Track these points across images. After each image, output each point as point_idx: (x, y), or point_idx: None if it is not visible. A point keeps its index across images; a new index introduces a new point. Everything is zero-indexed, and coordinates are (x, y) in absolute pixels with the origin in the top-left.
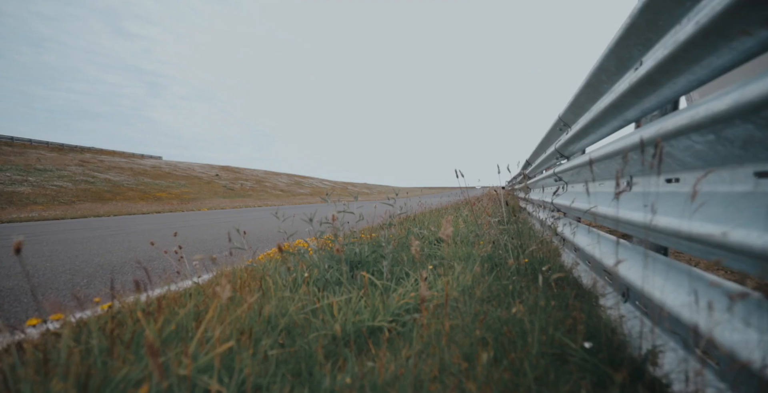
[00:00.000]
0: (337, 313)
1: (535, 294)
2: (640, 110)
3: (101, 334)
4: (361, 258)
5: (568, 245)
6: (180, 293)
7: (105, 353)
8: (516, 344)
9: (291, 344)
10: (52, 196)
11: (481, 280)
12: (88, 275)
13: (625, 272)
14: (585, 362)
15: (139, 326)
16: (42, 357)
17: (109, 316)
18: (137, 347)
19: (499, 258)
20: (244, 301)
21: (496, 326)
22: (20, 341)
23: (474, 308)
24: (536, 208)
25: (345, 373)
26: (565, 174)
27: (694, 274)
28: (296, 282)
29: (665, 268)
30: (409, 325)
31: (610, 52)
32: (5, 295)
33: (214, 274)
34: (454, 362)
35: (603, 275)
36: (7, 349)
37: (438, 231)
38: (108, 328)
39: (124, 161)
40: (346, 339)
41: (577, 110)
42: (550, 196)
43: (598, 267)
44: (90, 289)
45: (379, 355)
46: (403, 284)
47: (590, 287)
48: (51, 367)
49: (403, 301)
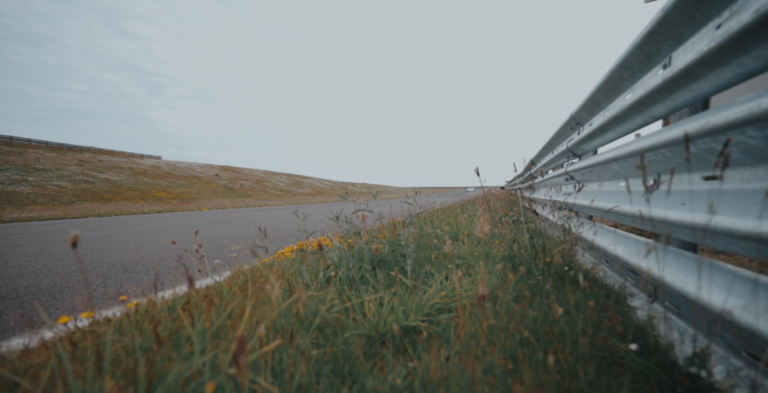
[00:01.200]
0: (370, 312)
1: (576, 294)
2: (670, 106)
3: (136, 331)
4: (381, 257)
5: (580, 244)
6: (205, 292)
7: (149, 351)
8: (559, 346)
9: (324, 344)
10: (51, 195)
11: (506, 279)
12: (101, 274)
13: (662, 273)
14: (637, 365)
15: (180, 323)
16: (87, 354)
17: (148, 314)
18: (179, 344)
19: (521, 257)
20: (270, 300)
21: (533, 327)
22: (71, 335)
23: (506, 308)
24: (543, 208)
25: (388, 373)
26: (578, 173)
27: (743, 274)
28: (319, 280)
29: (706, 267)
30: (442, 325)
31: (634, 48)
32: (23, 294)
33: (231, 273)
34: (498, 363)
35: (623, 275)
36: (54, 346)
37: (451, 230)
38: (143, 326)
39: (123, 161)
40: (382, 339)
41: (591, 108)
42: (560, 196)
43: (621, 266)
44: (106, 288)
45: (422, 355)
46: (428, 283)
47: (618, 287)
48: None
49: (434, 300)
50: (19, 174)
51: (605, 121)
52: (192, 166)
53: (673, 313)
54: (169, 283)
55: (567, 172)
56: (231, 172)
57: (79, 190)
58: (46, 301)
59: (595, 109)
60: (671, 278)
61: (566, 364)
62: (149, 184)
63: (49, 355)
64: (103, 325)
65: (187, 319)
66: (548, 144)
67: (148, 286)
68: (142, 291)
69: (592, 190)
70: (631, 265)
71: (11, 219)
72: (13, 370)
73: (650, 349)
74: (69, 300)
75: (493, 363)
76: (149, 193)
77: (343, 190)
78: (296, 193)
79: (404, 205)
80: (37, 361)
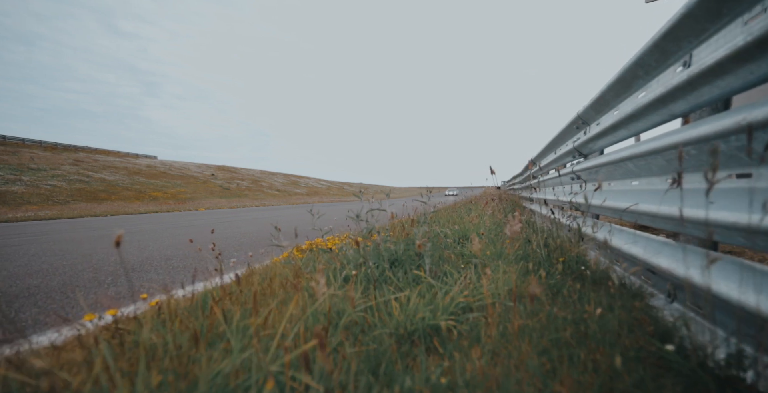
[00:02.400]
0: (396, 311)
1: (599, 294)
2: (693, 104)
3: (169, 328)
4: (396, 256)
5: (588, 243)
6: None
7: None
8: (594, 346)
9: (354, 343)
10: (46, 195)
11: (524, 279)
12: (110, 273)
13: (687, 272)
14: (679, 366)
15: (212, 320)
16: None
17: (178, 311)
18: (213, 342)
19: (535, 257)
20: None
21: (564, 326)
22: (100, 332)
23: (531, 308)
24: (541, 207)
25: (423, 372)
26: (586, 172)
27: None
28: (337, 279)
29: (735, 267)
30: (470, 324)
31: (652, 46)
32: (35, 293)
33: (243, 271)
34: (534, 363)
35: (635, 274)
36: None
37: (460, 229)
38: (175, 323)
39: (118, 161)
40: (410, 337)
41: (600, 107)
42: (567, 195)
43: (636, 266)
44: (118, 287)
45: (454, 354)
46: (446, 282)
47: (636, 287)
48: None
49: (460, 299)
50: (13, 174)
51: (617, 120)
52: (188, 165)
53: (696, 314)
54: (180, 281)
55: (573, 172)
56: (227, 172)
57: (74, 190)
58: (60, 299)
59: (604, 108)
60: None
61: (605, 364)
62: (145, 184)
63: (85, 352)
64: (128, 322)
65: (221, 315)
66: (551, 144)
67: (166, 284)
68: (163, 288)
69: (601, 190)
70: (650, 264)
71: (6, 219)
72: (50, 366)
73: (685, 350)
74: (83, 298)
75: (530, 363)
76: (145, 193)
77: (341, 190)
78: (293, 193)
79: (407, 205)
80: (69, 358)
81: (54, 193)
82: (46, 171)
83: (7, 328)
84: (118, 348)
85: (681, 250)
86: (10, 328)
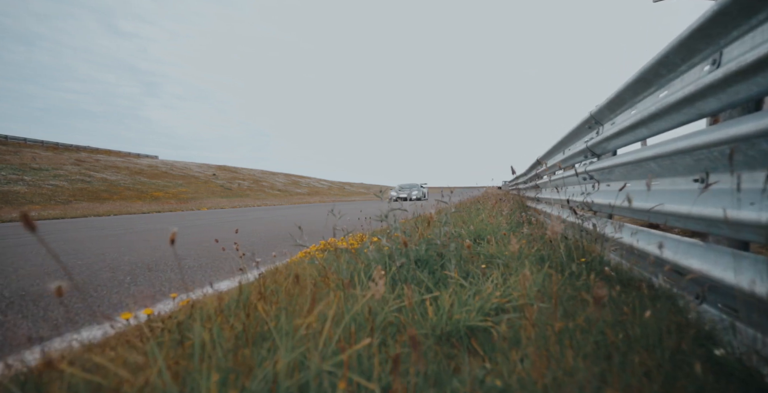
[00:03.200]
0: (431, 311)
1: (630, 296)
2: (726, 103)
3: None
4: (419, 256)
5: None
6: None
7: (233, 346)
8: (642, 350)
9: (392, 343)
10: (48, 195)
11: (550, 280)
12: (128, 273)
13: (721, 273)
14: (736, 370)
15: (255, 319)
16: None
17: (225, 308)
18: (261, 340)
19: (556, 257)
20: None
21: (603, 329)
22: (162, 324)
23: (563, 310)
24: (555, 207)
25: (467, 374)
26: (599, 172)
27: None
28: (362, 279)
29: None
30: (506, 325)
31: (678, 44)
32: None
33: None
34: (582, 367)
35: (654, 274)
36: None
37: (475, 230)
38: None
39: (120, 160)
40: (450, 339)
41: (615, 107)
42: (576, 195)
43: (658, 267)
44: (139, 286)
45: (495, 356)
46: (471, 282)
47: (666, 289)
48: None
49: (493, 299)
50: (15, 173)
51: (638, 119)
52: (189, 165)
53: (731, 316)
54: (199, 281)
55: (586, 172)
56: (228, 172)
57: (75, 190)
58: (84, 298)
59: (620, 107)
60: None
61: (655, 368)
62: (146, 183)
63: (134, 350)
64: (168, 321)
65: (264, 314)
66: (559, 144)
67: (187, 284)
68: (189, 287)
69: (615, 190)
70: (680, 266)
71: (11, 218)
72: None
73: (734, 354)
74: (107, 297)
75: (578, 366)
76: (146, 193)
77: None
78: (294, 192)
79: (416, 205)
80: (112, 355)
81: (56, 193)
82: (48, 171)
83: (41, 326)
84: (167, 346)
85: (714, 251)
86: (44, 326)
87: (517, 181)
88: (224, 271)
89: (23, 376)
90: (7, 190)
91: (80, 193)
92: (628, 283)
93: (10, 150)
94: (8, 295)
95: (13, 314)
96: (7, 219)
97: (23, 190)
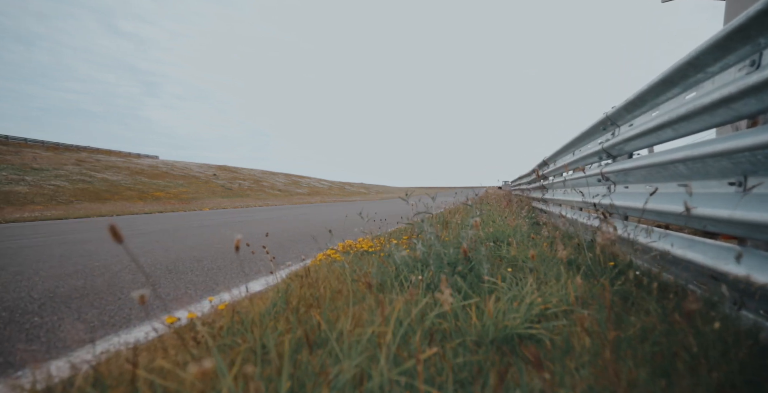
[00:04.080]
0: (477, 318)
1: (670, 303)
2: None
3: (248, 333)
4: (450, 259)
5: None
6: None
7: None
8: (704, 361)
9: (443, 351)
10: (49, 195)
11: (589, 285)
12: (149, 275)
13: (765, 278)
14: None
15: (309, 325)
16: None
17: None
18: (323, 347)
19: (584, 261)
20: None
21: (658, 338)
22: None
23: (614, 317)
24: (562, 208)
25: (524, 384)
26: (616, 174)
27: None
28: (393, 284)
29: None
30: (551, 332)
31: (713, 45)
32: (85, 294)
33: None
34: (646, 377)
35: (685, 279)
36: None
37: (494, 232)
38: (278, 324)
39: (120, 161)
40: (501, 347)
41: (634, 108)
42: (590, 196)
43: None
44: (164, 288)
45: (548, 365)
46: (509, 288)
47: (706, 296)
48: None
49: (538, 306)
50: (17, 173)
51: (663, 121)
52: (189, 165)
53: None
54: (223, 283)
55: (602, 174)
56: (229, 172)
57: (77, 190)
58: (113, 300)
59: (639, 109)
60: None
61: (725, 380)
62: (147, 183)
63: (186, 354)
64: (207, 324)
65: (320, 319)
66: (569, 145)
67: (210, 287)
68: (217, 289)
69: (634, 192)
70: (718, 271)
71: (14, 219)
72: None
73: None
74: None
75: (642, 376)
76: (147, 193)
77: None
78: (294, 193)
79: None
80: (175, 359)
81: (57, 193)
82: (49, 171)
83: (79, 328)
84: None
85: (755, 256)
86: (84, 328)
87: (521, 182)
88: (244, 274)
89: (92, 379)
90: (8, 191)
91: (81, 194)
92: (664, 289)
93: (10, 150)
94: (37, 297)
95: (49, 316)
96: (11, 219)
97: (25, 191)
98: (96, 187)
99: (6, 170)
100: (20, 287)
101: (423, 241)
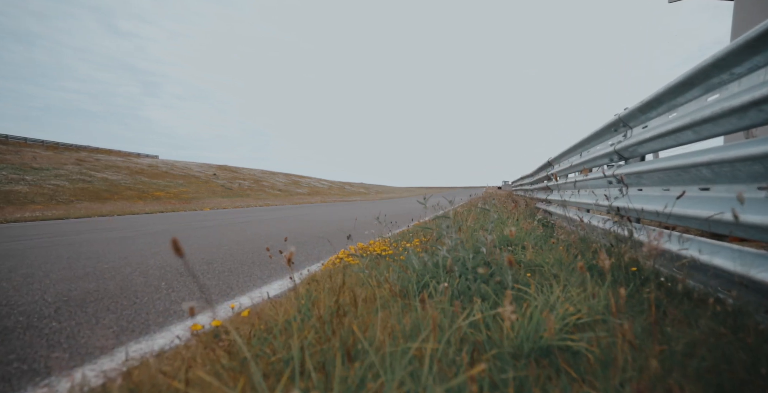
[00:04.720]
0: (509, 327)
1: (712, 312)
2: None
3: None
4: (468, 265)
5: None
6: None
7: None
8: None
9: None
10: (49, 195)
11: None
12: (159, 278)
13: None
14: None
15: (346, 334)
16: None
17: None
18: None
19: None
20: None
21: (704, 353)
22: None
23: (641, 327)
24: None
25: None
26: (630, 176)
27: None
28: (413, 291)
29: None
30: (587, 343)
31: (743, 45)
32: (99, 297)
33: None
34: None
35: (712, 286)
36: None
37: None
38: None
39: (120, 160)
40: (540, 360)
41: (649, 110)
42: (600, 198)
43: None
44: (178, 292)
45: (588, 379)
46: (535, 296)
47: (739, 305)
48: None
49: (572, 316)
50: (16, 173)
51: (685, 123)
52: (189, 165)
53: None
54: (237, 287)
55: (614, 175)
56: (229, 172)
57: (77, 190)
58: (128, 305)
59: (655, 110)
60: None
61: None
62: (147, 183)
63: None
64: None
65: (358, 330)
66: (576, 146)
67: (226, 290)
68: (242, 293)
69: (649, 195)
70: (752, 279)
71: (15, 219)
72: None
73: None
74: (150, 304)
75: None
76: (148, 193)
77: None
78: (294, 192)
79: (418, 205)
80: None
81: (57, 193)
82: (48, 170)
83: (99, 334)
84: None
85: None
86: (104, 334)
87: (523, 182)
88: (256, 277)
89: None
90: (8, 190)
91: (81, 193)
92: (691, 297)
93: (10, 150)
94: (52, 301)
95: (66, 321)
96: (11, 219)
97: (25, 190)
98: (96, 187)
99: (6, 170)
100: (33, 290)
101: (447, 248)
